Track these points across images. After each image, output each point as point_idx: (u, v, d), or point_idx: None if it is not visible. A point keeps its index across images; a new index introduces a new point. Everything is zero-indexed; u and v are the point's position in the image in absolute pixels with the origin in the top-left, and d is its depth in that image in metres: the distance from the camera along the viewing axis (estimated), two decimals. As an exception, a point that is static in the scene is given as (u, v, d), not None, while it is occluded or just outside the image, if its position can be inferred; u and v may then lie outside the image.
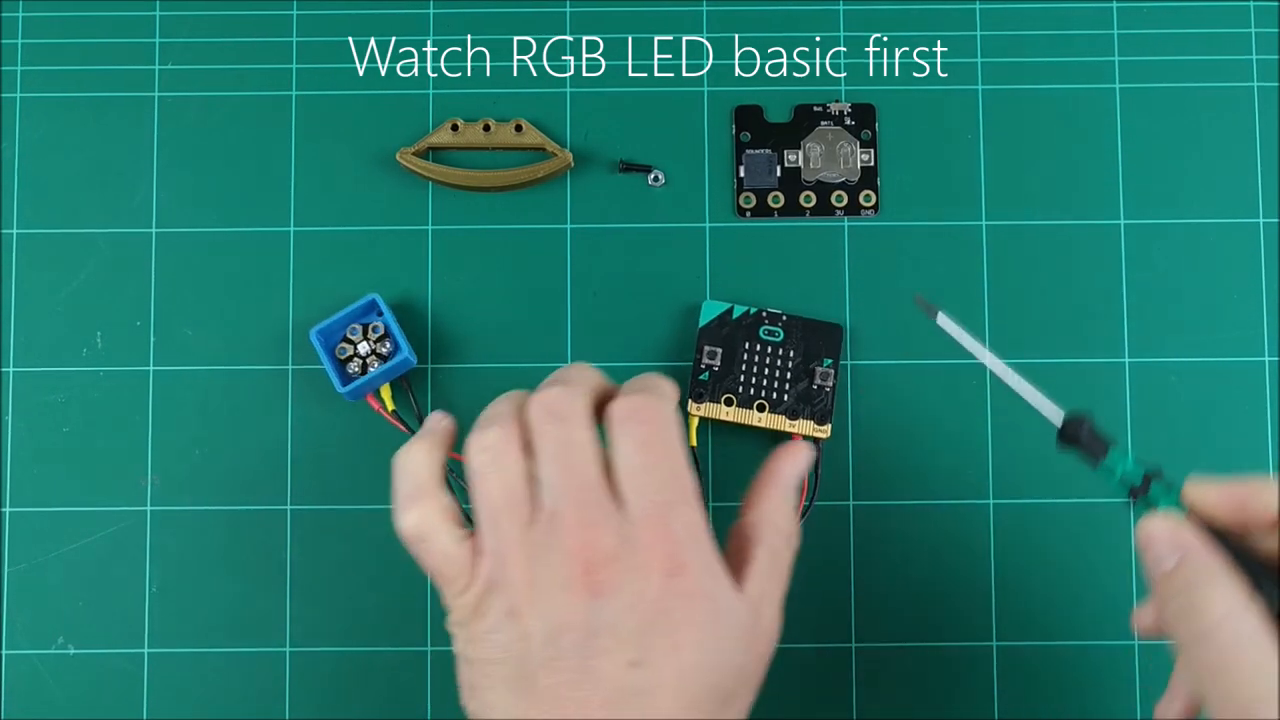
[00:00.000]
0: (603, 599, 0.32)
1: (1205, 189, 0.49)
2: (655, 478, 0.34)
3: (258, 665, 0.46)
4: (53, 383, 0.47)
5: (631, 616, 0.32)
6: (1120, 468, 0.34)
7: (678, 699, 0.32)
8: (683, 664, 0.32)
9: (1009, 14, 0.49)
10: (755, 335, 0.43)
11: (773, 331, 0.43)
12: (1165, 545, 0.32)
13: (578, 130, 0.49)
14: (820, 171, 0.49)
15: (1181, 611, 0.31)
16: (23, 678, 0.46)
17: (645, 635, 0.32)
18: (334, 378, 0.45)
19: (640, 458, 0.34)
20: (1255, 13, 0.49)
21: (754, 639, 0.34)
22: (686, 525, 0.33)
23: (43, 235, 0.48)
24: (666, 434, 0.34)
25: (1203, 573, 0.31)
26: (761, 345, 0.43)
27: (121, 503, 0.47)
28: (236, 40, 0.49)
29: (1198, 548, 0.32)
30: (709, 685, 0.33)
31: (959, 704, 0.46)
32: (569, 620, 0.32)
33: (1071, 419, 0.35)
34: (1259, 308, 0.48)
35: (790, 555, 0.36)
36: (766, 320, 0.43)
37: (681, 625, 0.32)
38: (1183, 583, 0.32)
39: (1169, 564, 0.32)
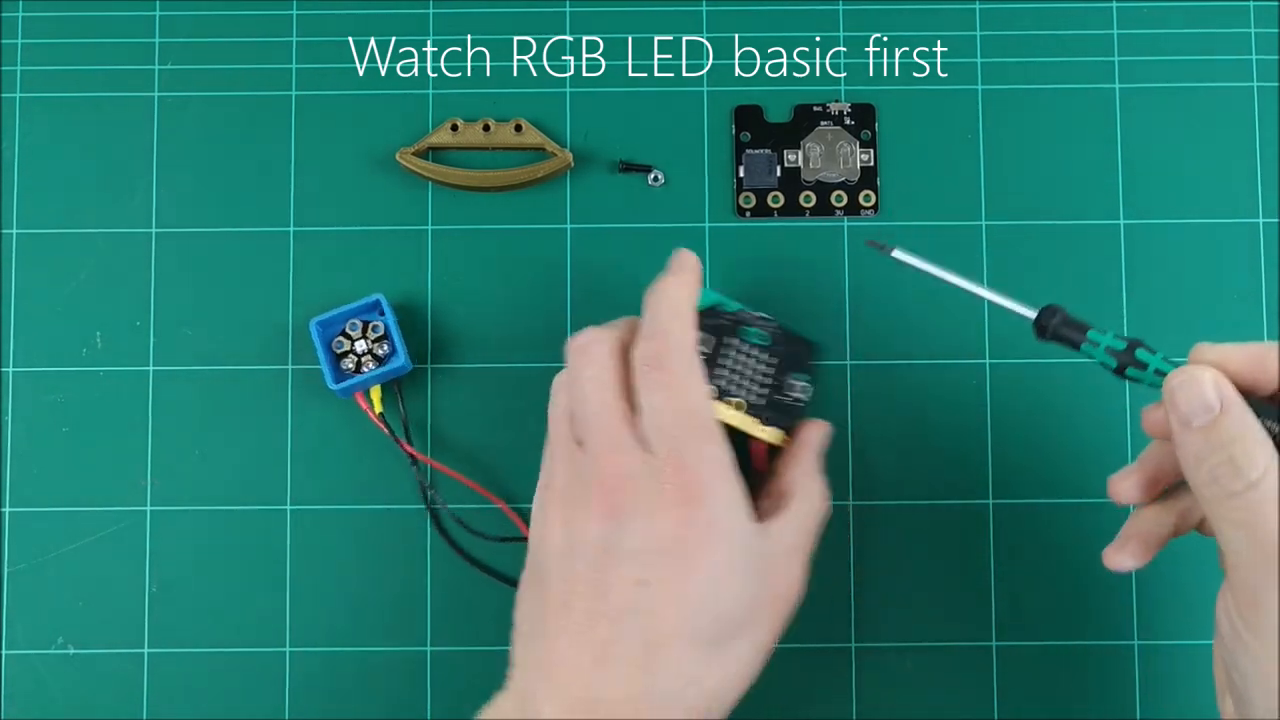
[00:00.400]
0: (618, 521, 0.35)
1: (1205, 189, 0.49)
2: (674, 417, 0.36)
3: (258, 665, 0.46)
4: (53, 383, 0.47)
5: (645, 540, 0.34)
6: (1103, 340, 0.36)
7: (681, 623, 0.34)
8: (689, 590, 0.34)
9: (1009, 14, 0.49)
10: (743, 334, 0.43)
11: (760, 336, 0.43)
12: (1203, 398, 0.32)
13: (577, 130, 0.49)
14: (820, 171, 0.49)
15: (1222, 467, 0.32)
16: (23, 678, 0.46)
17: (656, 558, 0.34)
18: (326, 371, 0.45)
19: (659, 398, 0.36)
20: (1255, 13, 0.49)
21: (772, 578, 0.35)
22: (709, 460, 0.35)
23: (43, 235, 0.48)
24: (683, 376, 0.37)
25: (1246, 428, 0.32)
26: (747, 346, 0.43)
27: (121, 503, 0.47)
28: (236, 40, 0.49)
29: (1239, 401, 0.32)
30: (715, 614, 0.34)
31: (959, 704, 0.46)
32: (585, 536, 0.35)
33: (1045, 309, 0.37)
34: (1259, 308, 0.48)
35: (821, 517, 0.38)
36: (756, 323, 0.43)
37: (694, 553, 0.34)
38: (1226, 437, 0.32)
39: (1204, 419, 0.32)
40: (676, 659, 0.34)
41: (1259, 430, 0.32)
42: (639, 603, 0.34)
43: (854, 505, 0.47)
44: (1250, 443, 0.31)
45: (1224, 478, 0.32)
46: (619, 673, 0.34)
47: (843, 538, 0.47)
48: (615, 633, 0.34)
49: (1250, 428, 0.32)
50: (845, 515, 0.47)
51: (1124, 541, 0.37)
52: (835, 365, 0.48)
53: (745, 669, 0.36)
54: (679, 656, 0.34)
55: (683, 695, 0.34)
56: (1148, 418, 0.36)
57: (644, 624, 0.34)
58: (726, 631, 0.35)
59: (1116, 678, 0.46)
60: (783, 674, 0.47)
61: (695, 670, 0.34)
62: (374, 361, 0.46)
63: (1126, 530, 0.37)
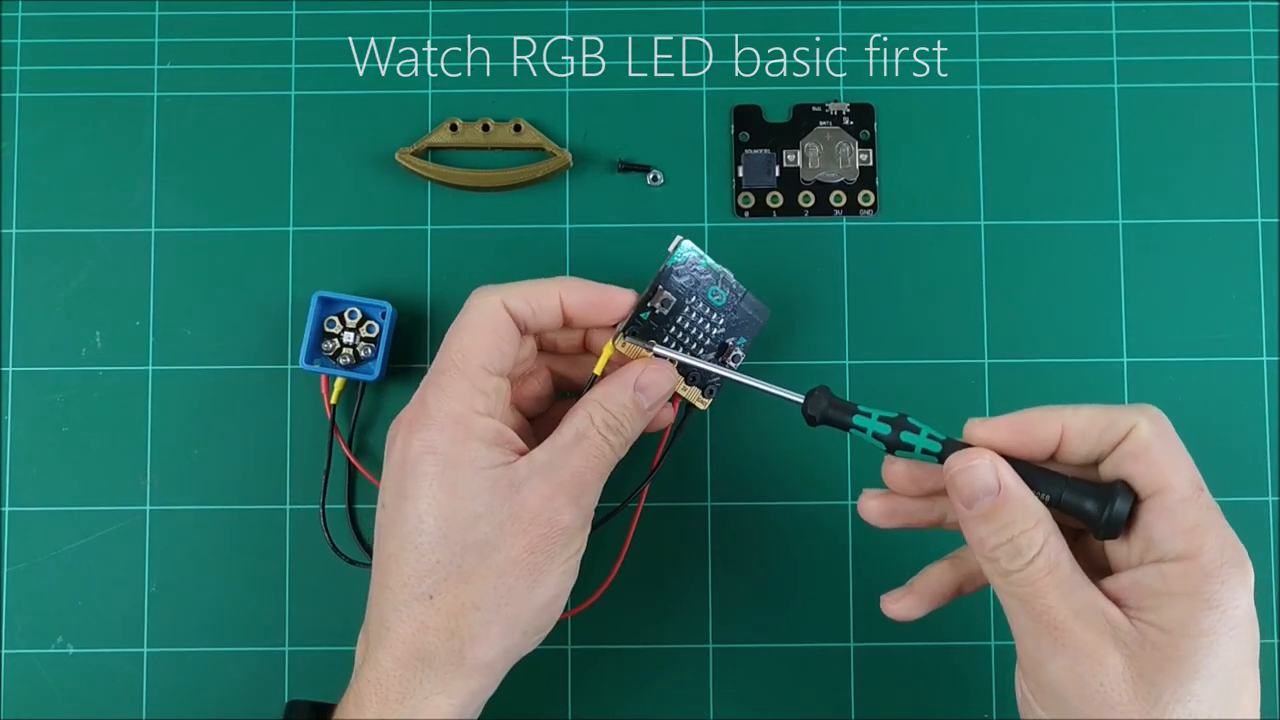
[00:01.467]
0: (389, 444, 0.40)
1: (1204, 189, 0.49)
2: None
3: (257, 665, 0.46)
4: (52, 383, 0.48)
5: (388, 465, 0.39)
6: (869, 423, 0.37)
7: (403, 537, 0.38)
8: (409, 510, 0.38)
9: (1009, 14, 0.49)
10: (705, 293, 0.43)
11: (718, 294, 0.43)
12: (984, 484, 0.34)
13: (577, 130, 0.49)
14: (819, 171, 0.49)
15: (1001, 549, 0.34)
16: (23, 677, 0.46)
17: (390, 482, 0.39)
18: (305, 346, 0.45)
19: None
20: (1255, 13, 0.49)
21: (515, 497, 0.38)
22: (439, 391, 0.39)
23: (43, 235, 0.48)
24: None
25: (1024, 512, 0.34)
26: (704, 304, 0.43)
27: (121, 503, 0.47)
28: (236, 40, 0.49)
29: (1016, 486, 0.34)
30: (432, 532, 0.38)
31: (958, 703, 0.46)
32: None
33: (810, 395, 0.38)
34: (1258, 308, 0.48)
35: (605, 449, 0.39)
36: (719, 281, 0.43)
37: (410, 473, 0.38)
38: (1004, 521, 0.34)
39: (985, 502, 0.34)
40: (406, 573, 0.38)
41: (1036, 510, 0.34)
42: (380, 523, 0.39)
43: (853, 505, 0.47)
44: (1028, 525, 0.34)
45: (1004, 558, 0.34)
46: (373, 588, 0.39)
47: (841, 538, 0.47)
48: (374, 549, 0.40)
49: (1028, 511, 0.34)
50: (844, 515, 0.47)
51: (904, 592, 0.39)
52: (835, 365, 0.48)
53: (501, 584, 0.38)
54: (408, 572, 0.38)
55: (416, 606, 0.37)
56: (886, 471, 0.39)
57: (380, 544, 0.39)
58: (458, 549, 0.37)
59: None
60: (783, 674, 0.47)
61: (429, 583, 0.37)
62: (353, 358, 0.46)
63: (912, 582, 0.40)
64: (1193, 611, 0.32)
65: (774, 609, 0.47)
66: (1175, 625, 0.33)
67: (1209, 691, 0.32)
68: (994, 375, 0.47)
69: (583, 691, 0.47)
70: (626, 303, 0.41)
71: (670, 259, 0.43)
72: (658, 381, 0.41)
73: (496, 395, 0.40)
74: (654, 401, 0.41)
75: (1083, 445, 0.35)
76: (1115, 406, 0.35)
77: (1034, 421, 0.35)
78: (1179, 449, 0.35)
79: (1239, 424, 0.48)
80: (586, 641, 0.47)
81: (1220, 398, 0.48)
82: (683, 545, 0.47)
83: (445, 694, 0.37)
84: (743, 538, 0.47)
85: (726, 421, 0.48)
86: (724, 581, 0.47)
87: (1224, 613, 0.32)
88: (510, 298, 0.40)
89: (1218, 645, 0.32)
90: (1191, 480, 0.34)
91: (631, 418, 0.40)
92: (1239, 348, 0.48)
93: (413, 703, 0.37)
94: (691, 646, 0.47)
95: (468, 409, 0.38)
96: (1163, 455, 0.34)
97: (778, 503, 0.47)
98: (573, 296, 0.41)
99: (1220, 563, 0.33)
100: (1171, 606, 0.33)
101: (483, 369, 0.39)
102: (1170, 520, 0.33)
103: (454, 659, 0.37)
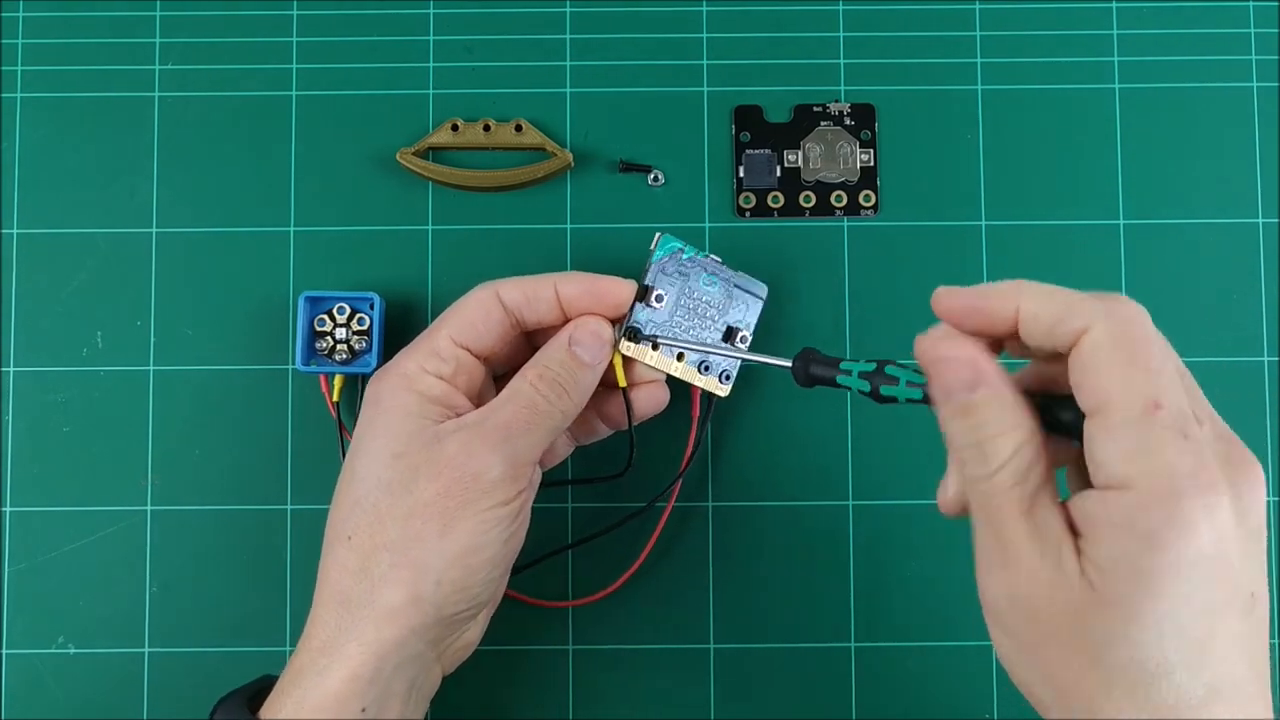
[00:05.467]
0: None
1: (1205, 189, 0.49)
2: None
3: (258, 665, 0.46)
4: (53, 383, 0.47)
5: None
6: (854, 367, 0.35)
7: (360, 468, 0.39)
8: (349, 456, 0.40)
9: (1009, 14, 0.49)
10: (697, 283, 0.43)
11: (711, 281, 0.44)
12: (958, 378, 0.31)
13: (578, 130, 0.49)
14: (820, 171, 0.49)
15: (969, 450, 0.31)
16: (23, 678, 0.46)
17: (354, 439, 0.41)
18: (300, 348, 0.45)
19: None
20: (1255, 13, 0.49)
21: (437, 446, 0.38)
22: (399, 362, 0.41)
23: (43, 235, 0.48)
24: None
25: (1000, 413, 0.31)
26: (699, 293, 0.43)
27: (121, 503, 0.47)
28: (236, 40, 0.49)
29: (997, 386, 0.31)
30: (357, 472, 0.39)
31: (958, 703, 0.46)
32: None
33: (798, 356, 0.37)
34: (1259, 308, 0.48)
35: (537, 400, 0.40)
36: (709, 269, 0.43)
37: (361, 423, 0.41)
38: (978, 422, 0.31)
39: (960, 400, 0.31)
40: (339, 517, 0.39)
41: (1013, 417, 0.31)
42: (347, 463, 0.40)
43: (853, 505, 0.47)
44: (999, 430, 0.31)
45: (970, 462, 0.31)
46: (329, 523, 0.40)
47: (843, 537, 0.47)
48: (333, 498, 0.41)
49: (1003, 416, 0.31)
50: (845, 515, 0.47)
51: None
52: (835, 365, 0.48)
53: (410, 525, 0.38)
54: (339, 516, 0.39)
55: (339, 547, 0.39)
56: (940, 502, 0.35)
57: (342, 483, 0.40)
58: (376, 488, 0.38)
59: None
60: (783, 674, 0.47)
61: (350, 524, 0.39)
62: (348, 353, 0.46)
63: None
64: (1126, 548, 0.29)
65: (774, 609, 0.47)
66: (1109, 563, 0.29)
67: (1146, 637, 0.28)
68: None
69: (583, 691, 0.47)
70: (623, 292, 0.42)
71: (654, 255, 0.43)
72: (591, 329, 0.41)
73: (456, 364, 0.40)
74: (592, 349, 0.41)
75: (1036, 331, 0.31)
76: (1079, 294, 0.31)
77: (994, 292, 0.32)
78: (1137, 356, 0.30)
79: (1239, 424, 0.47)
80: (587, 641, 0.47)
81: (1220, 398, 0.47)
82: (683, 545, 0.47)
83: (359, 642, 0.37)
84: (743, 538, 0.47)
85: (727, 421, 0.48)
86: (724, 581, 0.47)
87: (1168, 551, 0.28)
88: (504, 286, 0.41)
89: (1158, 588, 0.28)
90: (1143, 396, 0.29)
91: (570, 370, 0.41)
92: (1239, 348, 0.48)
93: (330, 651, 0.37)
94: (691, 646, 0.47)
95: (419, 368, 0.40)
96: (1109, 365, 0.29)
97: (778, 503, 0.47)
98: (568, 288, 0.41)
99: (1166, 493, 0.28)
100: (1108, 540, 0.29)
101: (449, 337, 0.40)
102: (1111, 442, 0.29)
103: (365, 601, 0.38)
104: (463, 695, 0.46)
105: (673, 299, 0.43)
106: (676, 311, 0.43)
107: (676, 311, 0.43)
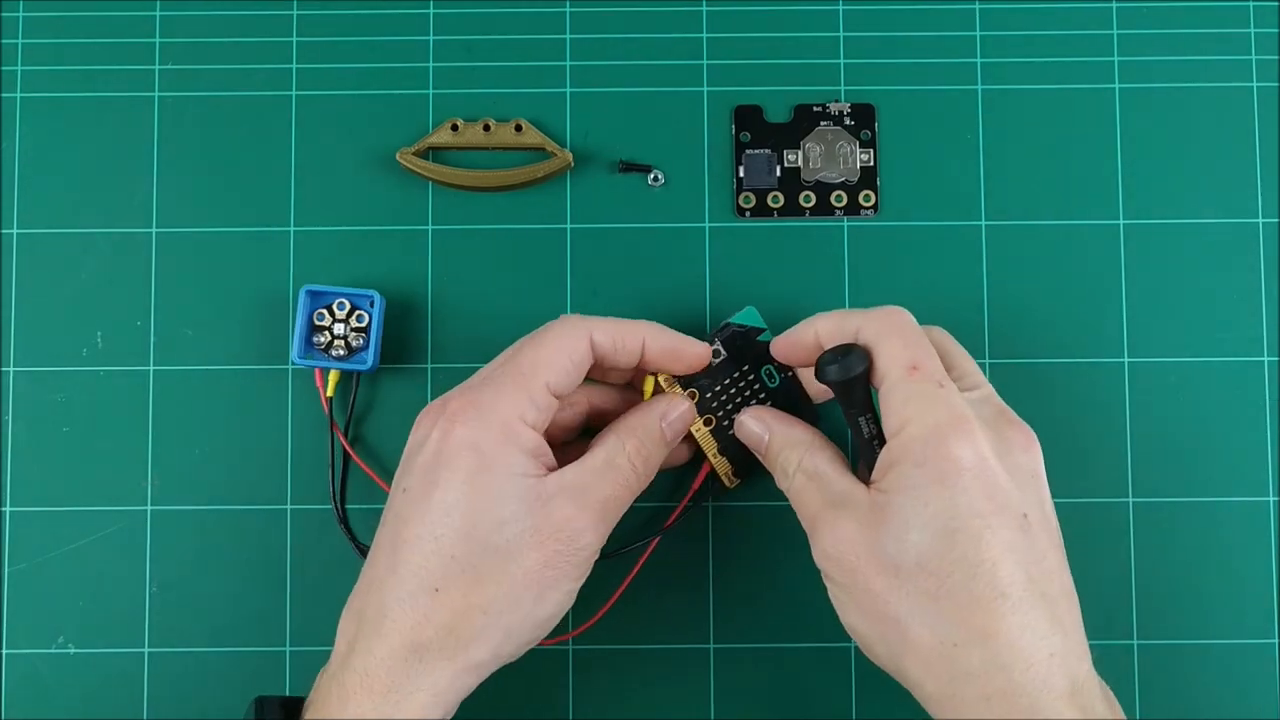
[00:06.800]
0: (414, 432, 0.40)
1: (1205, 189, 0.49)
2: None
3: (258, 665, 0.46)
4: (53, 383, 0.48)
5: (413, 451, 0.40)
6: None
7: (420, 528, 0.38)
8: (433, 500, 0.38)
9: (1009, 14, 0.49)
10: (758, 369, 0.44)
11: (771, 375, 0.44)
12: (754, 435, 0.43)
13: (578, 130, 0.49)
14: (820, 171, 0.49)
15: (776, 471, 0.42)
16: (23, 678, 0.46)
17: (418, 471, 0.39)
18: (297, 341, 0.45)
19: None
20: (1255, 13, 0.49)
21: (540, 512, 0.38)
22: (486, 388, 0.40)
23: (43, 235, 0.48)
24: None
25: (780, 444, 0.42)
26: (755, 379, 0.44)
27: (121, 503, 0.47)
28: (236, 40, 0.49)
29: (774, 430, 0.42)
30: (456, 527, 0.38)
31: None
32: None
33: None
34: (1259, 308, 0.48)
35: (632, 477, 0.41)
36: (775, 364, 0.44)
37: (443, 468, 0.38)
38: (773, 455, 0.42)
39: (761, 447, 0.43)
40: (418, 562, 0.38)
41: (791, 437, 0.42)
42: (397, 507, 0.39)
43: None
44: (783, 449, 0.42)
45: (778, 477, 0.42)
46: (375, 571, 0.39)
47: (843, 537, 0.47)
48: (380, 533, 0.40)
49: (785, 443, 0.42)
50: (845, 515, 0.47)
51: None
52: (835, 365, 0.48)
53: (511, 592, 0.38)
54: (420, 561, 0.38)
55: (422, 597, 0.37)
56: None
57: (397, 528, 0.39)
58: (477, 548, 0.37)
59: (1115, 676, 0.46)
60: (783, 674, 0.47)
61: (439, 577, 0.37)
62: (345, 349, 0.46)
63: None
64: (902, 471, 0.37)
65: (774, 609, 0.47)
66: (890, 485, 0.37)
67: (924, 539, 0.36)
68: (994, 375, 0.47)
69: (583, 691, 0.47)
70: (700, 355, 0.43)
71: (734, 317, 0.44)
72: (682, 414, 0.43)
73: (547, 414, 0.40)
74: (676, 434, 0.43)
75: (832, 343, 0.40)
76: (856, 311, 0.40)
77: (798, 333, 0.41)
78: (900, 339, 0.39)
79: (1239, 424, 0.48)
80: (586, 641, 0.47)
81: (1220, 398, 0.48)
82: (683, 545, 0.47)
83: (432, 691, 0.37)
84: (743, 538, 0.47)
85: (727, 421, 0.48)
86: (724, 581, 0.47)
87: (931, 467, 0.36)
88: (598, 330, 0.41)
89: (926, 495, 0.36)
90: (904, 364, 0.38)
91: (657, 446, 0.42)
92: (1239, 348, 0.48)
93: (397, 697, 0.37)
94: (691, 646, 0.47)
95: (518, 417, 0.39)
96: (882, 343, 0.39)
97: (778, 503, 0.47)
98: (655, 343, 0.42)
99: (930, 428, 0.37)
100: (891, 473, 0.37)
101: (546, 386, 0.39)
102: (887, 401, 0.38)
103: (448, 657, 0.37)
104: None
105: (726, 365, 0.44)
106: (724, 378, 0.44)
107: (724, 378, 0.44)
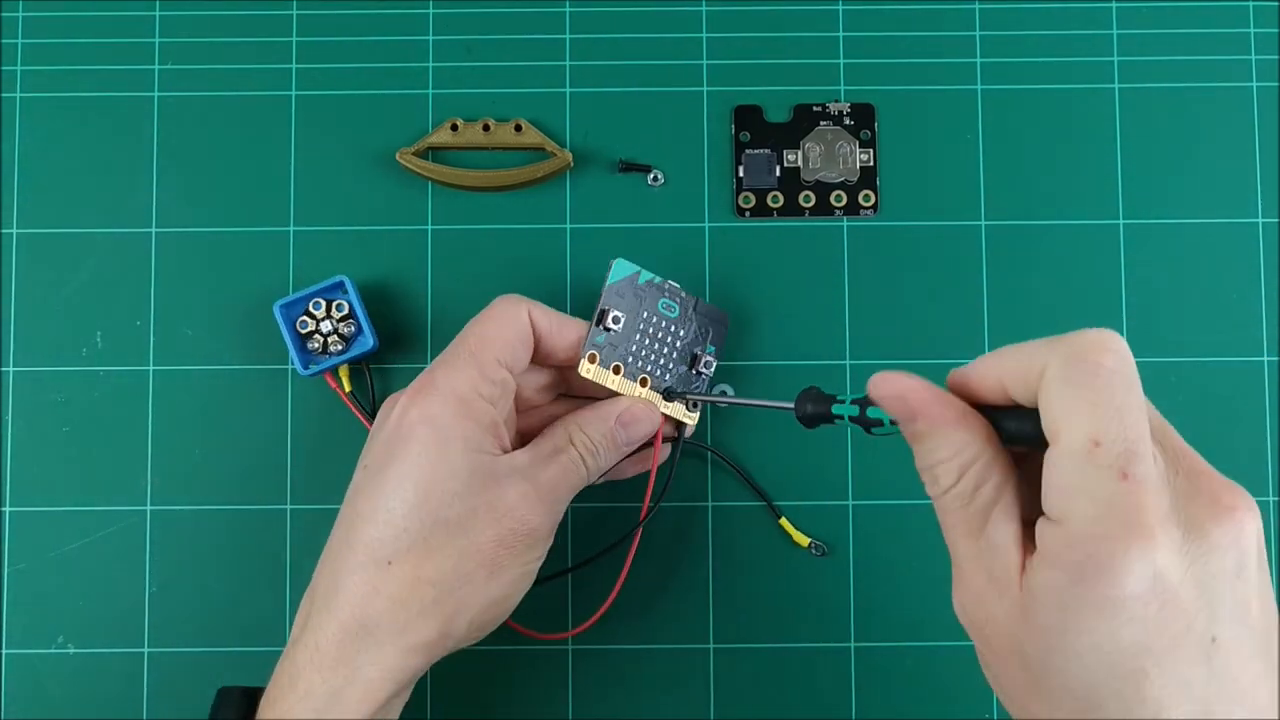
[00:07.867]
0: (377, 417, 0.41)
1: (1204, 189, 0.49)
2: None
3: (257, 665, 0.46)
4: (53, 382, 0.47)
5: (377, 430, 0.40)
6: (844, 409, 0.36)
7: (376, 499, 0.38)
8: (390, 472, 0.38)
9: (1009, 14, 0.49)
10: (655, 306, 0.44)
11: (669, 306, 0.44)
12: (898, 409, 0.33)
13: (578, 130, 0.49)
14: (819, 171, 0.49)
15: (925, 474, 0.33)
16: (23, 678, 0.46)
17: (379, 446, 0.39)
18: (295, 356, 0.45)
19: None
20: (1255, 13, 0.49)
21: (492, 490, 0.38)
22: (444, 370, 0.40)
23: (43, 235, 0.48)
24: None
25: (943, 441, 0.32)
26: (657, 318, 0.44)
27: (121, 503, 0.47)
28: (236, 40, 0.49)
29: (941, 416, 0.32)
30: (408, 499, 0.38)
31: (958, 703, 0.46)
32: None
33: (798, 398, 0.37)
34: (1258, 308, 0.48)
35: (580, 468, 0.41)
36: (667, 294, 0.44)
37: (401, 444, 0.39)
38: (928, 448, 0.32)
39: (910, 428, 0.32)
40: (371, 534, 0.38)
41: (959, 443, 0.31)
42: (356, 482, 0.40)
43: (853, 505, 0.47)
44: (945, 456, 0.32)
45: (927, 482, 0.33)
46: (331, 547, 0.39)
47: (843, 537, 0.47)
48: (340, 511, 0.40)
49: (949, 444, 0.32)
50: (845, 515, 0.47)
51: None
52: (835, 365, 0.48)
53: (461, 566, 0.38)
54: (374, 533, 0.38)
55: (373, 569, 0.38)
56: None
57: (352, 502, 0.39)
58: (429, 521, 0.38)
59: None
60: (783, 674, 0.47)
61: (390, 549, 0.38)
62: (341, 341, 0.46)
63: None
64: (1056, 579, 0.29)
65: (774, 609, 0.47)
66: (1040, 590, 0.29)
67: (1074, 667, 0.29)
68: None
69: (583, 691, 0.47)
70: (575, 329, 0.42)
71: (608, 280, 0.43)
72: (639, 419, 0.42)
73: (502, 390, 0.40)
74: (631, 439, 0.42)
75: (1021, 392, 0.31)
76: (1038, 342, 0.31)
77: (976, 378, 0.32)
78: (1088, 392, 0.29)
79: (1239, 424, 0.48)
80: (586, 642, 0.47)
81: (1220, 398, 0.48)
82: (683, 545, 0.47)
83: (379, 666, 0.37)
84: (743, 538, 0.47)
85: (726, 421, 0.48)
86: (724, 581, 0.47)
87: (1091, 588, 0.28)
88: (535, 309, 0.41)
89: (1082, 623, 0.29)
90: (1086, 433, 0.29)
91: (606, 449, 0.42)
92: (1239, 348, 0.48)
93: (346, 671, 0.37)
94: (691, 646, 0.47)
95: (473, 391, 0.39)
96: (1058, 399, 0.29)
97: (778, 502, 0.47)
98: (542, 322, 0.42)
99: (1094, 534, 0.28)
100: (1042, 568, 0.30)
101: (496, 360, 0.40)
102: (1053, 475, 0.29)
103: (396, 631, 0.37)
104: (463, 695, 0.46)
105: (629, 322, 0.43)
106: (634, 334, 0.43)
107: (634, 334, 0.43)
